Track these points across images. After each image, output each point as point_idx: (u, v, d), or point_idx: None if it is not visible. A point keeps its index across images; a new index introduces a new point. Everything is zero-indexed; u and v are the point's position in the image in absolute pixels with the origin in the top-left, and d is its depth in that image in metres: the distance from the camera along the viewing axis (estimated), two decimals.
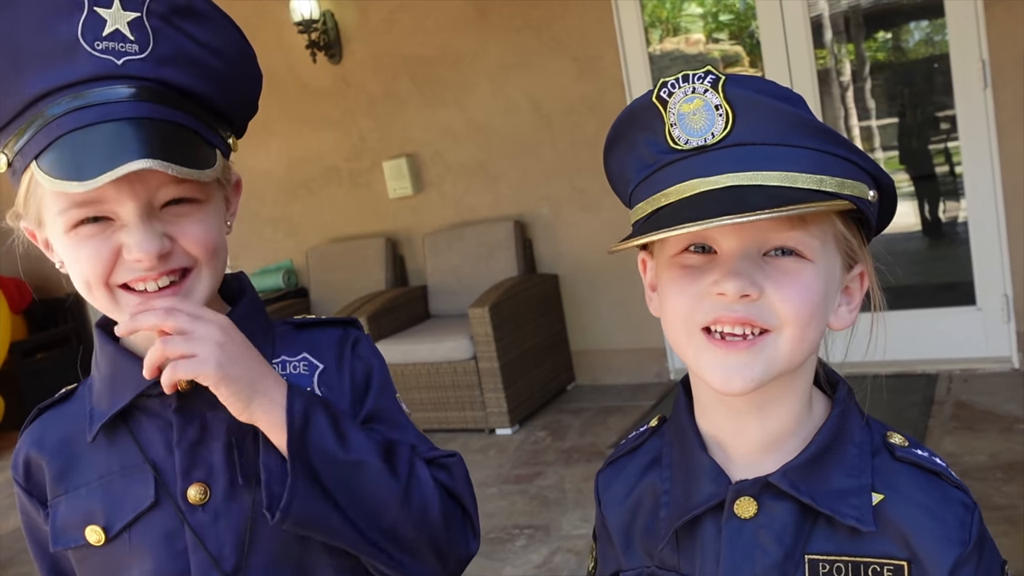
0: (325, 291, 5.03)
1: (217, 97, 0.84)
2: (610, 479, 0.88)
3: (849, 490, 0.72)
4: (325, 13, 4.80)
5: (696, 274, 0.71)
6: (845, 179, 0.69)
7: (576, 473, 3.45)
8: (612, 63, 4.21)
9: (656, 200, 0.72)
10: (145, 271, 0.80)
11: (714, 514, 0.76)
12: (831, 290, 0.73)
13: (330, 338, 0.96)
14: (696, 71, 0.69)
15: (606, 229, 4.36)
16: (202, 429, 0.86)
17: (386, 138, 4.87)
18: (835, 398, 0.78)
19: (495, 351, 3.96)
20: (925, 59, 4.83)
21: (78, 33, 0.74)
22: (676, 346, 0.75)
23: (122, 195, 0.77)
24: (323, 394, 0.90)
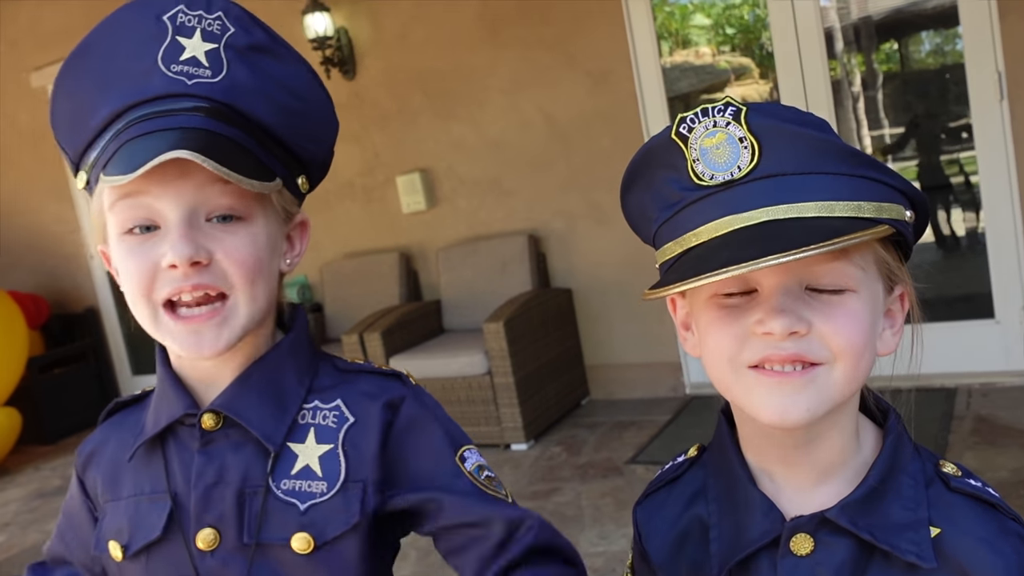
0: (340, 306, 5.04)
1: (285, 131, 0.85)
2: (651, 512, 0.86)
3: (907, 524, 0.70)
4: (339, 30, 4.82)
5: (737, 313, 0.69)
6: (882, 203, 0.67)
7: (593, 489, 3.44)
8: (625, 77, 4.21)
9: (686, 240, 0.70)
10: (180, 280, 0.79)
11: (768, 550, 0.73)
12: (876, 317, 0.71)
13: (374, 390, 0.90)
14: (715, 104, 0.67)
15: (620, 243, 4.35)
16: (220, 472, 0.86)
17: (400, 153, 4.89)
18: (887, 427, 0.76)
19: (510, 366, 3.96)
20: (938, 69, 4.81)
21: (158, 58, 0.79)
22: (721, 385, 0.72)
23: (166, 194, 0.79)
24: (345, 453, 0.86)
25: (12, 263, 6.45)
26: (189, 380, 0.88)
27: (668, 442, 3.78)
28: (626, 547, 2.91)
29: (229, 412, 0.85)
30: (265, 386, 0.87)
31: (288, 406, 0.87)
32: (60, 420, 5.86)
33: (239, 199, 0.82)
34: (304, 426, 0.87)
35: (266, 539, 0.84)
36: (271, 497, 0.84)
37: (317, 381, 0.91)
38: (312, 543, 0.84)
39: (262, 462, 0.85)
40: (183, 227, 0.79)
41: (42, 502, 4.61)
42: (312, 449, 0.86)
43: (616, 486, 3.42)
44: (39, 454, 5.60)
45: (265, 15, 4.07)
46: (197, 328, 0.81)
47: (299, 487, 0.85)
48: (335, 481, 0.85)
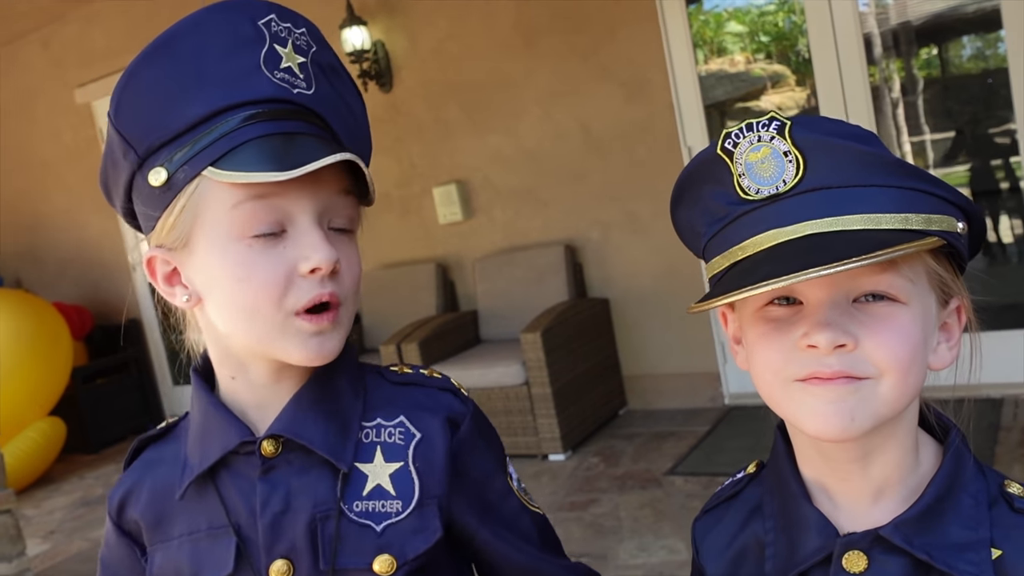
0: (376, 317, 5.07)
1: (353, 146, 0.86)
2: (709, 527, 0.85)
3: (966, 544, 0.69)
4: (376, 43, 4.88)
5: (784, 327, 0.68)
6: (932, 215, 0.66)
7: (631, 500, 3.42)
8: (661, 86, 4.20)
9: (732, 254, 0.70)
10: (318, 287, 0.77)
11: (822, 568, 0.72)
12: (928, 330, 0.70)
13: (431, 403, 0.89)
14: (759, 119, 0.67)
15: (657, 253, 4.34)
16: (287, 499, 0.82)
17: (436, 164, 4.92)
18: (947, 443, 0.74)
19: (547, 376, 3.95)
20: (979, 74, 4.73)
21: (260, 61, 0.78)
22: (770, 400, 0.72)
23: (301, 197, 0.77)
24: (417, 470, 0.85)
25: (58, 275, 6.59)
26: (238, 407, 0.85)
27: (707, 453, 3.75)
28: (665, 559, 2.89)
29: (292, 436, 0.82)
30: (324, 405, 0.84)
31: (350, 424, 0.85)
32: (103, 430, 5.97)
33: (353, 213, 0.83)
34: (369, 445, 0.85)
35: (344, 565, 0.81)
36: (344, 520, 0.82)
37: (371, 395, 0.88)
38: (394, 564, 0.81)
39: (330, 485, 0.82)
40: (320, 231, 0.78)
41: (86, 510, 4.69)
42: (381, 468, 0.84)
43: (655, 497, 3.39)
44: (83, 463, 5.70)
45: None
46: (322, 330, 0.79)
47: (373, 507, 0.82)
48: (410, 499, 0.83)
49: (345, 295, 0.81)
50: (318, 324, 0.78)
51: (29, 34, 6.33)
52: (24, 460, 5.04)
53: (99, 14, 5.90)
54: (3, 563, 3.06)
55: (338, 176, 0.79)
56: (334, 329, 0.80)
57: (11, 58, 6.49)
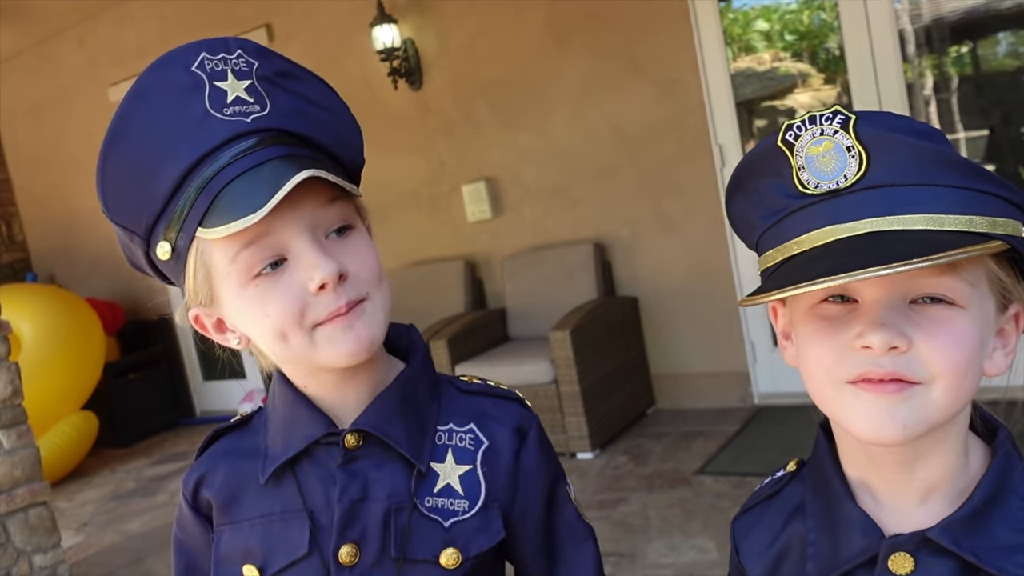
0: (405, 314, 4.98)
1: (333, 145, 0.87)
2: (749, 526, 0.85)
3: (1016, 546, 0.67)
4: (406, 41, 4.89)
5: (837, 326, 0.67)
6: (997, 217, 0.65)
7: (659, 500, 3.40)
8: (693, 84, 4.19)
9: (787, 248, 0.69)
10: (333, 300, 0.80)
11: (866, 569, 0.71)
12: (985, 336, 0.68)
13: (499, 413, 0.94)
14: (824, 112, 0.66)
15: (686, 251, 4.32)
16: (364, 488, 0.87)
17: (465, 162, 4.93)
18: (996, 445, 0.73)
19: (575, 375, 3.94)
20: (1015, 71, 4.66)
21: (206, 106, 0.79)
22: (819, 399, 0.71)
23: (287, 224, 0.79)
24: (484, 474, 0.89)
25: (90, 271, 6.68)
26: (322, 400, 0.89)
27: (737, 453, 3.73)
28: (695, 559, 2.88)
29: (377, 432, 0.86)
30: (405, 406, 0.89)
31: (427, 426, 0.90)
32: (134, 424, 6.04)
33: (345, 211, 0.84)
34: (442, 447, 0.90)
35: (412, 555, 0.86)
36: (416, 514, 0.86)
37: (444, 403, 0.93)
38: (459, 558, 0.86)
39: (405, 480, 0.87)
40: (316, 247, 0.80)
41: (118, 503, 4.76)
42: (452, 469, 0.89)
43: (684, 497, 3.38)
44: (114, 457, 5.78)
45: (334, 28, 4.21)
46: (350, 323, 0.81)
47: (442, 504, 0.87)
48: (476, 500, 0.88)
49: (366, 288, 0.83)
50: (344, 322, 0.81)
51: (65, 32, 6.41)
52: (57, 453, 5.12)
53: (132, 14, 5.96)
54: (39, 554, 3.11)
55: (318, 189, 0.80)
56: (361, 319, 0.83)
57: (48, 56, 6.58)
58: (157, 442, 6.02)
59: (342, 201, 0.84)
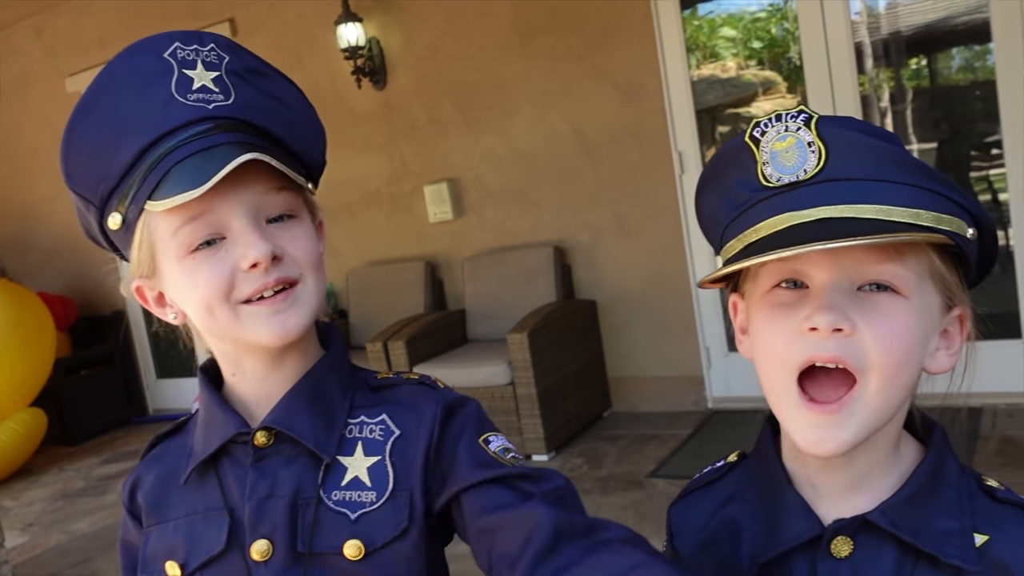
0: (364, 314, 5.07)
1: (294, 143, 0.90)
2: (684, 512, 0.87)
3: (952, 531, 0.70)
4: (371, 40, 4.88)
5: (789, 311, 0.70)
6: (943, 214, 0.68)
7: (613, 502, 3.43)
8: (654, 90, 4.23)
9: (747, 236, 0.71)
10: (262, 277, 0.83)
11: (804, 554, 0.73)
12: (928, 331, 0.71)
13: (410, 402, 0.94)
14: (789, 110, 0.69)
15: (645, 256, 4.36)
16: (273, 485, 0.89)
17: (428, 163, 4.92)
18: (931, 440, 0.76)
19: (533, 377, 3.96)
20: (967, 86, 4.77)
21: (172, 90, 0.83)
22: (771, 393, 0.73)
23: (229, 204, 0.82)
24: (393, 464, 0.90)
25: (43, 265, 6.55)
26: (238, 400, 0.93)
27: (690, 456, 3.76)
28: None
29: (282, 428, 0.89)
30: (314, 401, 0.91)
31: (336, 420, 0.91)
32: (85, 421, 5.93)
33: (291, 201, 0.87)
34: (352, 440, 0.91)
35: (319, 548, 0.87)
36: (323, 508, 0.88)
37: (358, 396, 0.95)
38: (363, 550, 0.87)
39: (313, 474, 0.89)
40: (255, 229, 0.83)
41: (65, 503, 4.66)
42: (361, 461, 0.90)
43: (637, 499, 3.40)
44: (63, 455, 5.67)
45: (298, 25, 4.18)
46: (277, 308, 0.85)
47: (349, 497, 0.88)
48: (384, 490, 0.89)
49: (300, 272, 0.86)
50: (271, 305, 0.84)
51: (22, 21, 6.29)
52: (4, 451, 5.01)
53: (91, 5, 5.87)
54: None
55: (266, 176, 0.83)
56: (292, 305, 0.86)
57: (4, 45, 6.45)
58: (108, 440, 5.91)
59: (290, 192, 0.87)
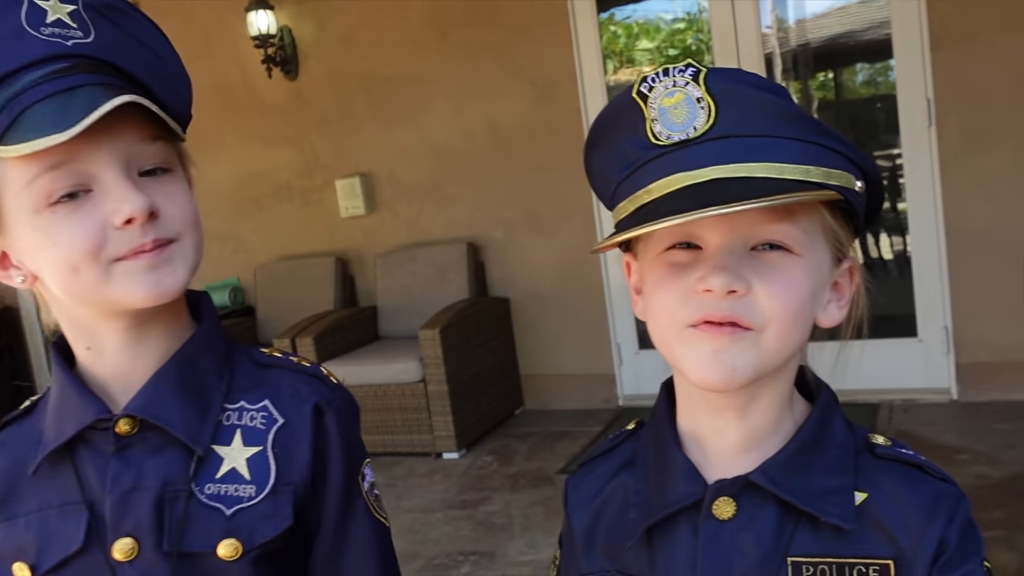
0: (272, 309, 4.94)
1: (160, 90, 0.81)
2: (579, 481, 0.85)
3: (831, 489, 0.70)
4: (282, 28, 4.76)
5: (682, 271, 0.69)
6: (832, 169, 0.68)
7: (523, 499, 3.42)
8: (570, 91, 4.24)
9: (639, 198, 0.70)
10: (138, 236, 0.75)
11: (689, 516, 0.73)
12: (819, 285, 0.71)
13: (298, 389, 0.87)
14: (677, 64, 0.67)
15: (559, 254, 4.37)
16: (138, 477, 0.80)
17: (340, 156, 4.83)
18: (817, 400, 0.76)
19: (444, 374, 3.92)
20: (870, 98, 4.95)
21: (22, 21, 0.73)
22: (662, 346, 0.72)
23: (98, 152, 0.74)
24: (275, 455, 0.83)
25: None
26: (97, 381, 0.82)
27: None
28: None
29: (148, 416, 0.80)
30: (185, 384, 0.82)
31: (211, 405, 0.83)
32: None
33: (165, 152, 0.80)
34: (229, 427, 0.83)
35: (189, 547, 0.79)
36: (194, 502, 0.80)
37: (237, 377, 0.87)
38: (240, 549, 0.79)
39: (183, 465, 0.80)
40: (128, 181, 0.75)
41: None
42: (239, 451, 0.82)
43: (547, 495, 3.40)
44: None
45: (207, 10, 4.04)
46: (154, 263, 0.76)
47: (225, 491, 0.81)
48: (264, 484, 0.82)
49: (177, 231, 0.79)
50: (148, 259, 0.76)
51: None
52: None
53: None
54: None
55: (138, 123, 0.76)
56: (169, 263, 0.78)
57: None
58: None
59: (164, 142, 0.79)
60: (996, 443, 3.26)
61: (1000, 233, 3.59)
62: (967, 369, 3.73)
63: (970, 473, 3.03)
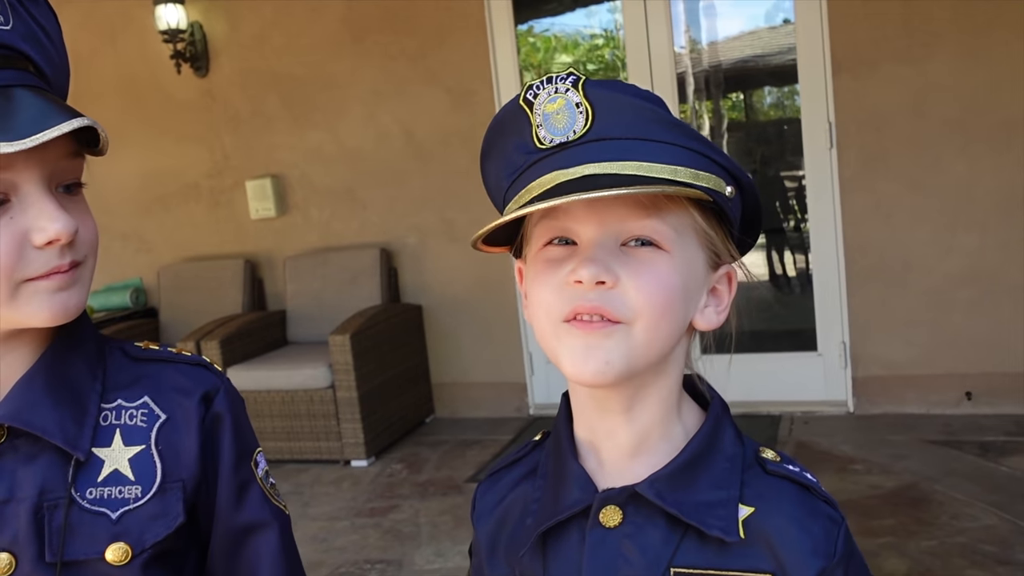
0: (177, 312, 4.79)
1: (54, 83, 0.80)
2: (486, 490, 0.87)
3: (716, 502, 0.72)
4: (193, 24, 4.63)
5: (557, 266, 0.71)
6: (700, 171, 0.71)
7: (431, 507, 3.39)
8: (486, 98, 4.25)
9: (521, 197, 0.72)
10: (56, 258, 0.73)
11: (580, 522, 0.74)
12: (691, 285, 0.73)
13: (179, 382, 0.85)
14: (559, 72, 0.71)
15: (472, 263, 4.37)
16: (11, 488, 0.76)
17: (251, 157, 4.72)
18: (709, 410, 0.78)
19: (354, 380, 3.87)
20: (777, 121, 5.14)
21: None
22: (543, 342, 0.74)
23: (29, 164, 0.71)
24: (160, 453, 0.81)
25: None
26: None
27: None
28: (461, 564, 2.88)
29: (17, 423, 0.76)
30: (57, 385, 0.78)
31: (87, 405, 0.80)
32: None
33: (80, 164, 0.78)
34: (107, 428, 0.80)
35: (74, 556, 0.76)
36: (75, 509, 0.77)
37: (112, 374, 0.84)
38: (129, 553, 0.77)
39: (61, 472, 0.77)
40: (54, 200, 0.73)
41: None
42: (120, 452, 0.79)
43: (455, 504, 3.39)
44: None
45: (114, 1, 3.89)
46: (62, 285, 0.75)
47: (108, 494, 0.78)
48: (151, 484, 0.80)
49: (85, 252, 0.78)
50: (58, 281, 0.74)
51: None
52: None
53: None
54: None
55: (67, 139, 0.73)
56: (76, 284, 0.77)
57: None
58: None
59: (80, 159, 0.78)
60: (889, 454, 3.40)
61: (894, 253, 3.76)
62: (863, 383, 3.89)
63: (864, 483, 3.15)
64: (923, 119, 3.63)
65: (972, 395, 3.72)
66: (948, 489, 3.03)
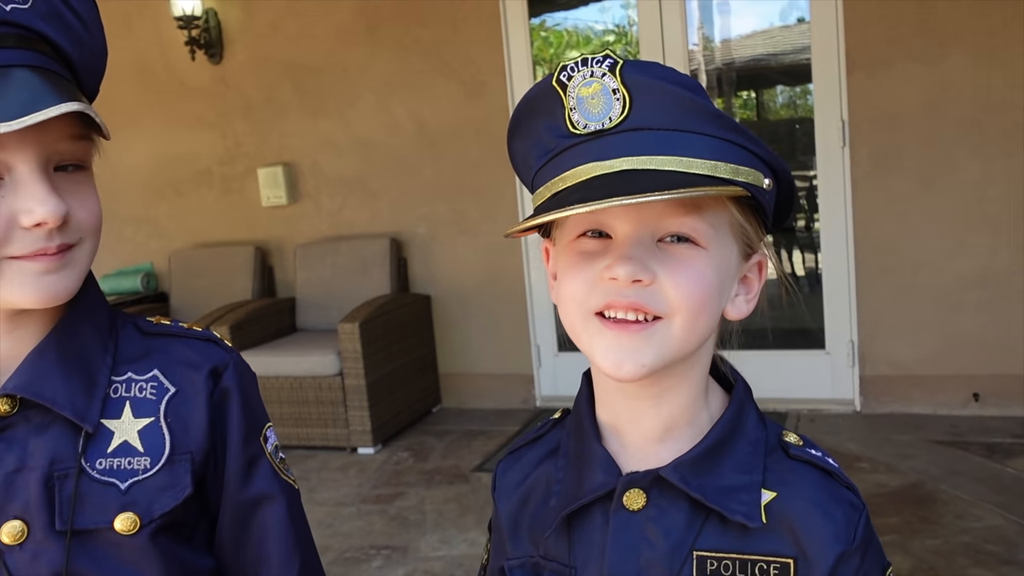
0: (187, 297, 4.81)
1: (80, 64, 0.79)
2: (507, 468, 0.87)
3: (739, 486, 0.72)
4: (208, 11, 4.64)
5: (591, 259, 0.70)
6: (740, 166, 0.69)
7: (437, 495, 3.41)
8: (499, 90, 4.26)
9: (554, 185, 0.71)
10: (43, 240, 0.72)
11: (604, 505, 0.74)
12: (726, 279, 0.73)
13: (189, 356, 0.86)
14: (595, 55, 0.68)
15: (482, 253, 4.38)
16: (22, 457, 0.77)
17: (263, 144, 4.74)
18: (733, 394, 0.78)
19: (362, 368, 3.88)
20: (789, 120, 5.13)
21: None
22: (572, 332, 0.73)
23: (23, 145, 0.71)
24: (168, 425, 0.82)
25: None
26: None
27: None
28: (466, 551, 2.90)
29: (28, 394, 0.77)
30: (67, 358, 0.79)
31: (97, 378, 0.81)
32: None
33: (86, 150, 0.78)
34: (118, 400, 0.81)
35: (83, 524, 0.77)
36: (85, 479, 0.78)
37: (123, 348, 0.85)
38: (138, 522, 0.78)
39: (71, 442, 0.78)
40: (46, 181, 0.72)
41: None
42: (130, 424, 0.81)
43: (461, 492, 3.40)
44: None
45: None
46: (50, 268, 0.74)
47: (118, 465, 0.79)
48: (159, 455, 0.81)
49: (82, 235, 0.77)
50: (44, 263, 0.74)
51: None
52: None
53: None
54: None
55: (68, 120, 0.73)
56: (66, 267, 0.76)
57: None
58: None
59: (87, 141, 0.77)
60: (894, 453, 3.40)
61: (904, 253, 3.76)
62: (870, 382, 3.89)
63: (869, 481, 3.16)
64: (937, 119, 3.62)
65: (979, 396, 3.72)
66: (953, 489, 3.04)
